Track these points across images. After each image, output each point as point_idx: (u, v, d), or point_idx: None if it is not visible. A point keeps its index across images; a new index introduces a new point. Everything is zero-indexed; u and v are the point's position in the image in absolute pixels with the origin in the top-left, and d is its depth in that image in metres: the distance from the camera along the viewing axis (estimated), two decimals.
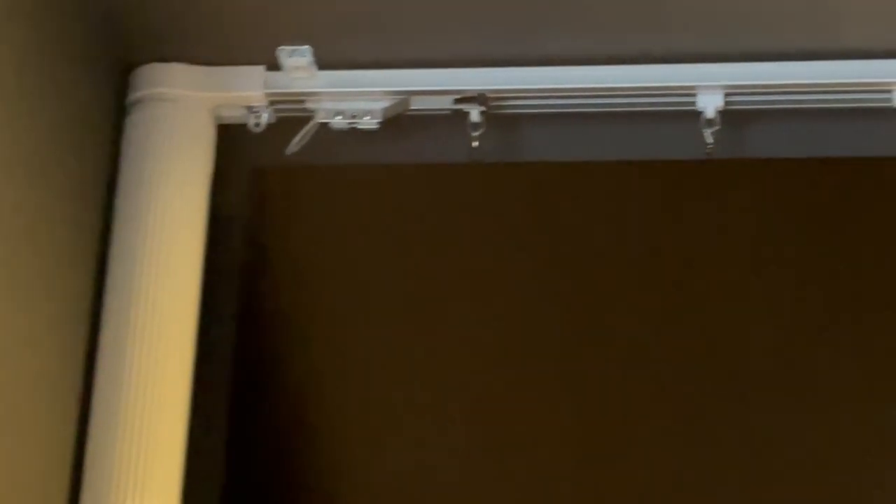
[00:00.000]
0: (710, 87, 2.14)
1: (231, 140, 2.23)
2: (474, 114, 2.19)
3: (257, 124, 2.22)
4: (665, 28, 2.11)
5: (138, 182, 2.14)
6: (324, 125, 2.21)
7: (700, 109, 2.15)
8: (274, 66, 2.18)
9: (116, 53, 2.18)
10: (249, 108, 2.21)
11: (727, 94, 2.15)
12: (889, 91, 2.13)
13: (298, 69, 2.18)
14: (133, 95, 2.20)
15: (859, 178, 2.11)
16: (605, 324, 2.08)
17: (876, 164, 2.12)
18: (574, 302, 2.09)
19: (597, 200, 2.13)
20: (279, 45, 2.15)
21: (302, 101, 2.21)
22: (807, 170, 2.12)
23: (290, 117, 2.22)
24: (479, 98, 2.18)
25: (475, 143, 2.18)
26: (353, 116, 2.21)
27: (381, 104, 2.20)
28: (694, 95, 2.15)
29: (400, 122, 2.22)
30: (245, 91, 2.20)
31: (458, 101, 2.19)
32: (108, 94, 2.19)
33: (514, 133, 2.24)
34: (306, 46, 2.15)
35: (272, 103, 2.21)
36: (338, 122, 2.21)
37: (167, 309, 2.08)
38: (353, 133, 2.22)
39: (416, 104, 2.20)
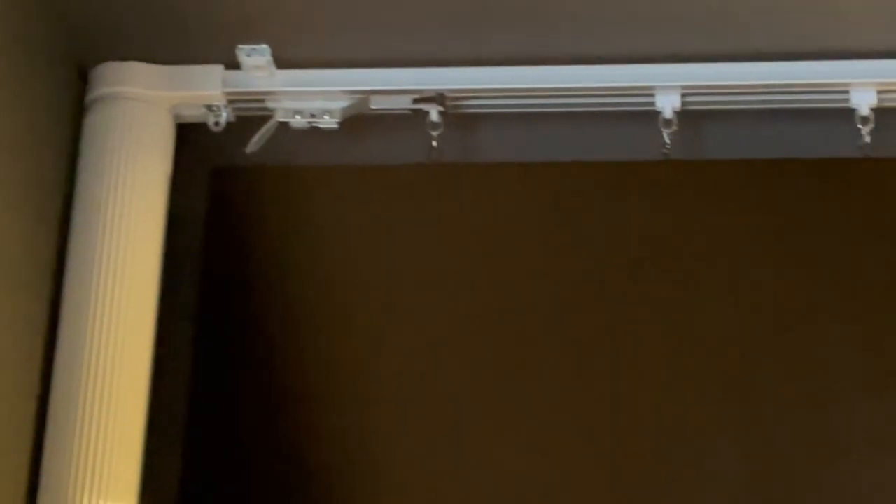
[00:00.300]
0: (667, 87, 2.15)
1: (191, 139, 2.23)
2: (433, 113, 2.19)
3: (217, 123, 2.21)
4: (623, 29, 2.11)
5: (97, 181, 2.13)
6: (283, 124, 2.22)
7: (658, 110, 2.16)
8: (233, 65, 2.18)
9: (75, 52, 2.18)
10: (208, 107, 2.21)
11: (684, 95, 2.15)
12: (846, 91, 2.14)
13: (257, 68, 2.17)
14: (92, 94, 2.19)
15: (816, 179, 2.12)
16: (563, 322, 2.08)
17: (833, 164, 2.12)
18: (532, 300, 2.10)
19: (554, 201, 2.13)
20: (238, 45, 2.15)
21: (261, 101, 2.21)
22: (763, 171, 2.12)
23: (250, 116, 2.22)
24: (437, 98, 2.18)
25: (434, 143, 2.19)
26: (313, 116, 2.21)
27: (341, 103, 2.20)
28: (652, 96, 2.16)
29: (359, 121, 2.22)
30: (204, 90, 2.19)
31: (417, 100, 2.19)
32: (67, 92, 2.18)
33: (474, 133, 2.24)
34: (265, 45, 2.14)
35: (231, 102, 2.21)
36: (297, 121, 2.21)
37: (126, 308, 2.07)
38: (313, 132, 2.22)
39: (376, 104, 2.20)
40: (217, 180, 2.20)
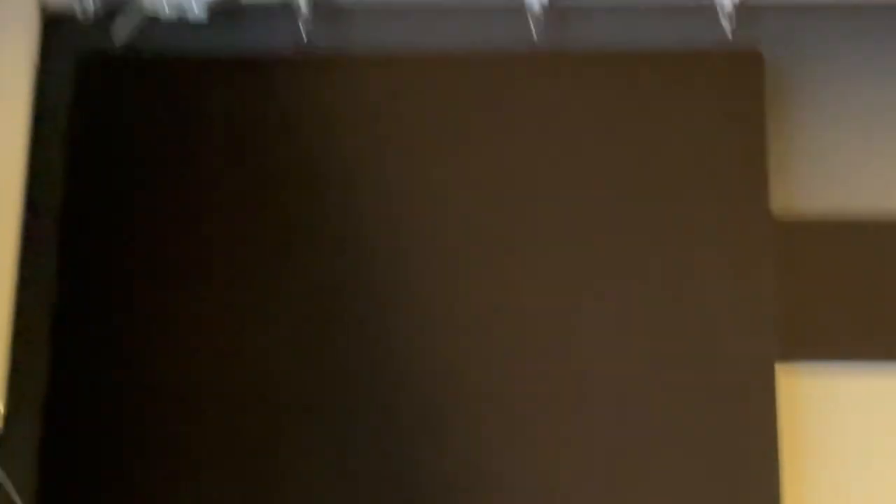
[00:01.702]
0: None
1: (59, 29, 2.20)
2: (302, 4, 2.18)
3: (84, 12, 2.19)
4: None
5: None
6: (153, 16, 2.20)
7: (527, 5, 2.17)
8: None
9: None
10: None
11: None
12: None
13: None
14: None
15: (678, 70, 2.14)
16: (425, 212, 2.11)
17: (693, 56, 2.15)
18: (397, 190, 2.11)
19: (423, 90, 2.14)
20: None
21: None
22: (627, 63, 2.14)
23: (119, 7, 2.20)
24: None
25: (304, 35, 2.18)
26: (181, 7, 2.19)
27: None
28: None
29: (229, 13, 2.21)
30: None
31: None
32: None
33: (343, 24, 2.23)
34: None
35: None
36: (165, 12, 2.19)
37: None
38: (184, 24, 2.20)
39: None
40: (83, 68, 2.17)
